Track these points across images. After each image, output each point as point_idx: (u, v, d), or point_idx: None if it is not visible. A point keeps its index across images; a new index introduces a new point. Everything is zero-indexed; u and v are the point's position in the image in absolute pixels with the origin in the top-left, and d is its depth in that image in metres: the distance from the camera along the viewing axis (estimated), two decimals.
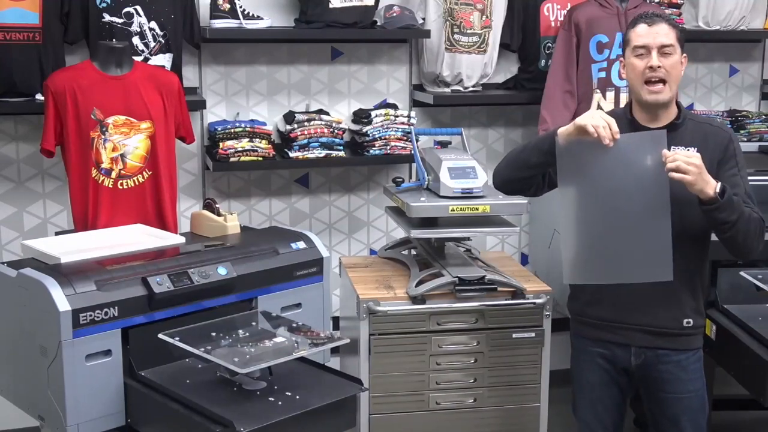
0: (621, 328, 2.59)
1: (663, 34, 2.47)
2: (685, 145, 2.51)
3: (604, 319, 2.61)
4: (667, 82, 2.47)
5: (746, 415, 3.91)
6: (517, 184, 2.66)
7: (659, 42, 2.47)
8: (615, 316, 2.59)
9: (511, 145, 4.15)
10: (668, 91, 2.48)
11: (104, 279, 2.48)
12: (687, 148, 2.50)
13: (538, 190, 2.65)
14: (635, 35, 2.51)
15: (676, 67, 2.49)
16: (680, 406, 2.61)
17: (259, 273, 2.79)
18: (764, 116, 4.24)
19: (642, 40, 2.49)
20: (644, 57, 2.48)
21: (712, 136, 2.54)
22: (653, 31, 2.48)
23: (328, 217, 4.00)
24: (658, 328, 2.56)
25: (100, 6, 3.32)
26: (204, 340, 2.47)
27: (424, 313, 3.07)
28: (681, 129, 2.54)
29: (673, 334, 2.57)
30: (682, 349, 2.59)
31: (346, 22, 3.57)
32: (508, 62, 4.05)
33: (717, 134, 2.55)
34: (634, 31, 2.52)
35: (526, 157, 2.57)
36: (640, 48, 2.49)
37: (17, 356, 2.58)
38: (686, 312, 2.57)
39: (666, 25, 2.49)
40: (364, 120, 3.72)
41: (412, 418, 3.13)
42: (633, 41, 2.51)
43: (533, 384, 3.18)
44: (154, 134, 3.08)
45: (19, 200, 3.61)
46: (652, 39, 2.47)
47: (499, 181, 2.68)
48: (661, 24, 2.49)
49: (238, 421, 2.18)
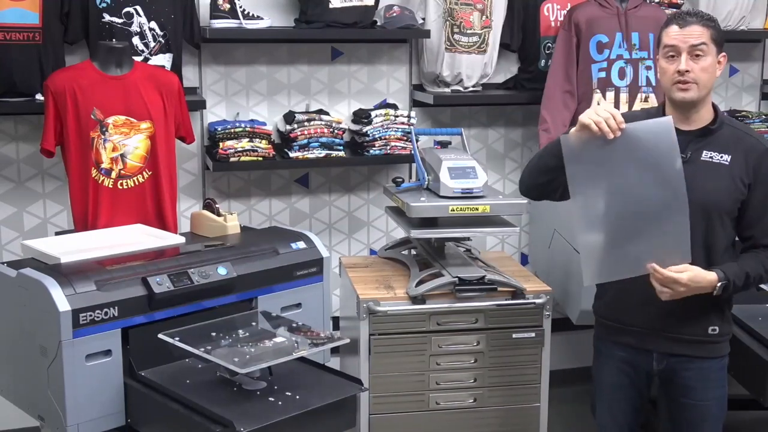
0: (643, 333, 2.54)
1: (695, 36, 2.39)
2: (718, 150, 2.45)
3: (627, 324, 2.57)
4: (697, 83, 2.40)
5: (746, 415, 3.91)
6: (541, 189, 2.61)
7: (689, 43, 2.39)
8: (638, 320, 2.54)
9: (511, 145, 4.16)
10: (696, 91, 2.40)
11: (104, 279, 2.49)
12: (720, 154, 2.45)
13: (565, 193, 2.52)
14: (666, 35, 2.43)
15: (707, 70, 2.40)
16: (701, 412, 2.56)
17: (259, 273, 2.79)
18: (764, 116, 4.24)
19: (672, 40, 2.41)
20: (674, 59, 2.41)
21: (748, 147, 2.47)
22: (684, 32, 2.40)
23: (328, 217, 4.00)
24: (682, 335, 2.51)
25: (100, 6, 3.32)
26: (204, 340, 2.47)
27: (424, 313, 3.07)
28: (716, 134, 2.47)
29: (697, 342, 2.52)
30: (707, 356, 2.53)
31: (346, 22, 3.57)
32: (508, 62, 4.05)
33: (754, 146, 2.47)
34: (666, 31, 2.44)
35: (544, 163, 2.52)
36: (669, 48, 2.42)
37: (17, 356, 2.58)
38: (712, 319, 2.51)
39: (699, 26, 2.40)
40: (364, 120, 3.72)
41: (412, 418, 3.13)
42: (664, 40, 2.44)
43: (533, 384, 3.18)
44: (154, 134, 3.08)
45: (19, 200, 3.61)
46: (682, 40, 2.40)
47: (524, 188, 2.66)
48: (693, 25, 2.40)
49: (238, 421, 2.18)
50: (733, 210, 2.46)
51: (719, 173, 2.44)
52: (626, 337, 2.58)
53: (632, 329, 2.56)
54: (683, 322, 2.50)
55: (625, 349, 2.59)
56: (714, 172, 2.44)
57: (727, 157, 2.44)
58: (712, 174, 2.44)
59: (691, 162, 2.42)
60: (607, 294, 2.62)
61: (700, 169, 2.44)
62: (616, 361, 2.62)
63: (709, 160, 2.45)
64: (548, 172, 2.51)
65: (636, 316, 2.54)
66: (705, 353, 2.53)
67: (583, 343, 2.84)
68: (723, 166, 2.45)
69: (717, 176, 2.44)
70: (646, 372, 2.60)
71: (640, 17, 3.70)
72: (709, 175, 2.44)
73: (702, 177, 2.42)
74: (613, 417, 2.68)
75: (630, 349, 2.58)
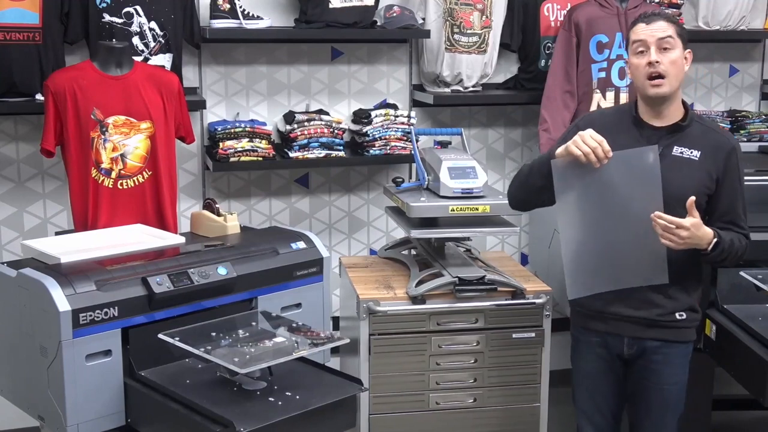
0: (613, 319, 2.65)
1: (661, 29, 2.52)
2: (688, 146, 2.56)
3: (599, 310, 2.66)
4: (667, 76, 2.50)
5: (746, 415, 3.91)
6: (529, 204, 2.79)
7: (656, 36, 2.51)
8: (609, 307, 2.64)
9: (511, 145, 4.16)
10: (668, 85, 2.51)
11: (104, 279, 2.48)
12: (690, 149, 2.55)
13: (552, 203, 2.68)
14: (634, 33, 2.56)
15: (676, 62, 2.52)
16: (658, 397, 2.67)
17: (259, 273, 2.79)
18: (764, 116, 4.24)
19: (639, 36, 2.53)
20: (644, 54, 2.52)
21: (717, 144, 2.57)
22: (651, 27, 2.53)
23: (328, 217, 4.00)
24: (649, 319, 2.61)
25: (100, 6, 3.33)
26: (204, 340, 2.47)
27: (424, 313, 3.07)
28: (687, 130, 2.58)
29: (663, 326, 2.62)
30: (673, 340, 2.64)
31: (346, 22, 3.57)
32: (508, 62, 4.05)
33: (722, 143, 2.58)
34: (633, 30, 2.57)
35: (533, 182, 2.64)
36: (638, 44, 2.53)
37: (17, 356, 2.58)
38: (679, 306, 2.62)
39: (664, 22, 2.54)
40: (364, 120, 3.72)
41: (412, 418, 3.13)
42: (632, 38, 2.56)
43: (533, 384, 3.18)
44: (154, 134, 3.08)
45: (19, 200, 3.61)
46: (650, 35, 2.51)
47: (513, 203, 2.79)
48: (659, 21, 2.54)
49: (238, 421, 2.18)
50: (701, 202, 2.55)
51: (689, 168, 2.55)
52: (599, 324, 2.69)
53: (604, 315, 2.66)
54: (651, 310, 2.61)
55: (599, 334, 2.70)
56: (684, 167, 2.55)
57: (697, 152, 2.55)
58: (682, 168, 2.54)
59: (662, 156, 2.51)
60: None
61: (671, 163, 2.53)
62: (592, 346, 2.72)
63: (680, 155, 2.56)
64: (537, 191, 2.65)
65: (608, 303, 2.64)
66: (671, 337, 2.64)
67: None
68: (693, 161, 2.55)
69: (687, 170, 2.55)
70: (618, 355, 2.69)
71: None
72: (679, 169, 2.54)
73: (672, 171, 2.52)
74: (595, 403, 2.76)
75: (603, 334, 2.69)
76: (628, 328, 2.64)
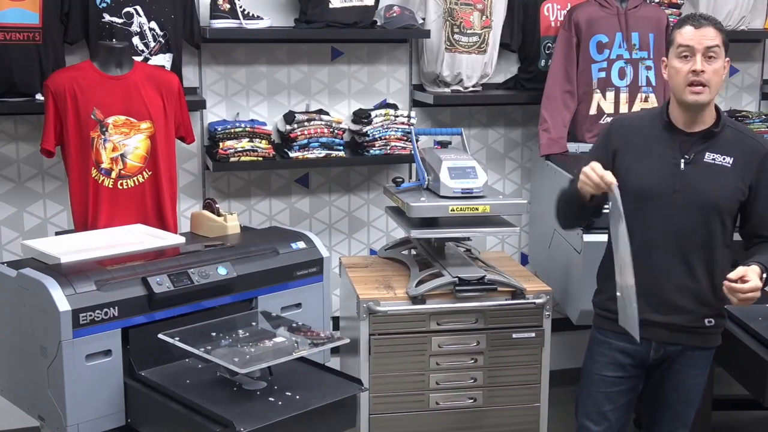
0: (644, 324, 2.53)
1: (710, 37, 2.44)
2: (720, 152, 2.50)
3: None
4: (708, 86, 2.44)
5: (746, 415, 3.91)
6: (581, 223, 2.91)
7: (704, 45, 2.43)
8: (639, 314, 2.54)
9: (511, 145, 4.16)
10: (708, 94, 2.45)
11: (104, 279, 2.49)
12: (722, 156, 2.50)
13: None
14: (680, 36, 2.47)
15: (719, 72, 2.46)
16: (679, 394, 2.66)
17: (259, 273, 2.79)
18: (764, 116, 4.24)
19: (687, 40, 2.45)
20: (688, 60, 2.45)
21: (750, 149, 2.52)
22: (699, 33, 2.44)
23: (328, 217, 4.00)
24: (681, 324, 2.57)
25: (100, 6, 3.32)
26: (204, 340, 2.47)
27: (424, 313, 3.07)
28: (719, 136, 2.52)
29: (691, 332, 2.58)
30: (700, 347, 2.61)
31: (346, 22, 3.57)
32: (508, 62, 4.05)
33: (756, 148, 2.53)
34: (680, 32, 2.48)
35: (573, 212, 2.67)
36: (684, 48, 2.45)
37: (17, 356, 2.58)
38: (709, 312, 2.58)
39: (713, 29, 2.46)
40: (364, 120, 3.72)
41: (412, 418, 3.13)
42: (677, 40, 2.47)
43: (533, 384, 3.18)
44: (154, 134, 3.08)
45: (19, 200, 3.61)
46: (698, 41, 2.44)
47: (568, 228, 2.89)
48: (708, 27, 2.45)
49: (238, 421, 2.18)
50: (733, 210, 2.51)
51: (721, 174, 2.49)
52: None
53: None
54: (682, 314, 2.56)
55: (624, 338, 2.59)
56: (716, 174, 2.49)
57: (729, 159, 2.49)
58: (714, 175, 2.49)
59: (693, 164, 2.47)
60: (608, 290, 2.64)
61: (703, 170, 2.49)
62: (613, 350, 2.65)
63: (712, 161, 2.50)
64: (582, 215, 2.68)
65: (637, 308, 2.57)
66: (699, 343, 2.61)
67: (583, 343, 2.84)
68: (725, 167, 2.49)
69: (719, 177, 2.49)
70: (642, 359, 2.64)
71: (640, 17, 3.71)
72: (711, 176, 2.49)
73: (704, 178, 2.48)
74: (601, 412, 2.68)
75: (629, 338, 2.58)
76: (657, 333, 2.58)
